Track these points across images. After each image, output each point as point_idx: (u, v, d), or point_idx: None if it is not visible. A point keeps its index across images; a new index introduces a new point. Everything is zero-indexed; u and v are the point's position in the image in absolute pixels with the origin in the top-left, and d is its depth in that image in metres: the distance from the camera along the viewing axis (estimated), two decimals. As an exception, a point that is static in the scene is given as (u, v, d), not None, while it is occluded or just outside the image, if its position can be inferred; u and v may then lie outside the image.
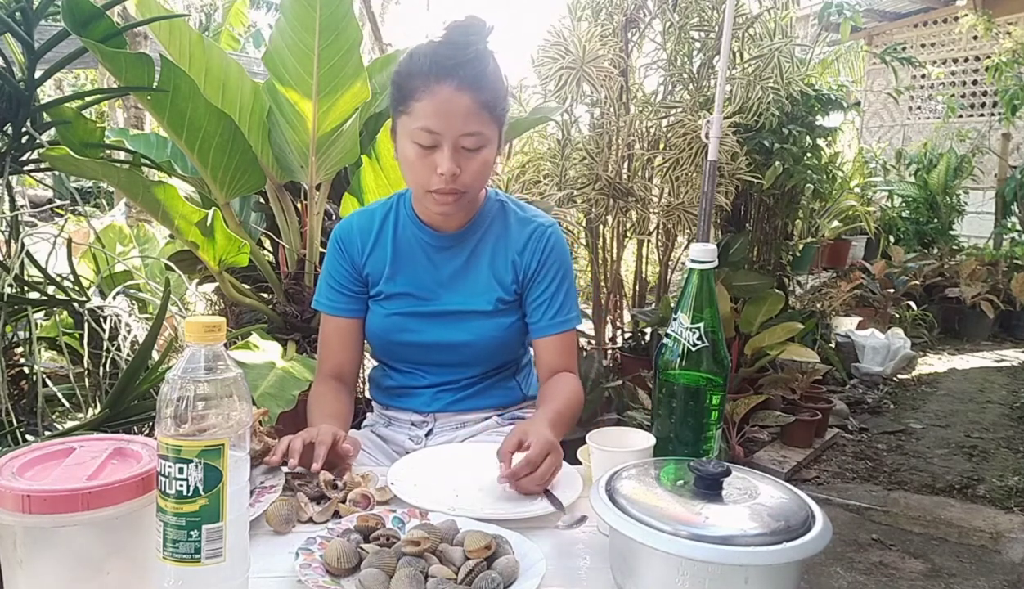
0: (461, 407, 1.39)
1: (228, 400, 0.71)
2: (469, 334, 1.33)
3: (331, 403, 1.32)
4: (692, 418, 1.02)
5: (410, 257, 1.35)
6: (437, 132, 1.16)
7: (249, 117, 2.21)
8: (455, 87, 1.15)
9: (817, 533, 0.75)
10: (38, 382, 1.66)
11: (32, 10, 1.58)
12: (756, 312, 3.20)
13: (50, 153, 1.73)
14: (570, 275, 1.37)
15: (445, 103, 1.15)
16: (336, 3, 1.97)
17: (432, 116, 1.16)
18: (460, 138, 1.17)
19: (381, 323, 1.36)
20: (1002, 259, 5.94)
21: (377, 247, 1.36)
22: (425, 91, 1.16)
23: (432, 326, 1.34)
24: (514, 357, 1.43)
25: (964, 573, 2.37)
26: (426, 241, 1.34)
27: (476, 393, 1.39)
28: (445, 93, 1.15)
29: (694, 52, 3.18)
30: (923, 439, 3.62)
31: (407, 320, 1.34)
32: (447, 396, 1.38)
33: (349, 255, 1.36)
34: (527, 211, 1.38)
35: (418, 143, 1.18)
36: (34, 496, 0.67)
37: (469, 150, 1.19)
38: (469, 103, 1.16)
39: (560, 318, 1.34)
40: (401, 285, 1.34)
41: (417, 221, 1.34)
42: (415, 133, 1.17)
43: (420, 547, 0.82)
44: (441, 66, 1.15)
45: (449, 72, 1.15)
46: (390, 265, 1.35)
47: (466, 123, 1.17)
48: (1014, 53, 6.13)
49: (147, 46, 4.00)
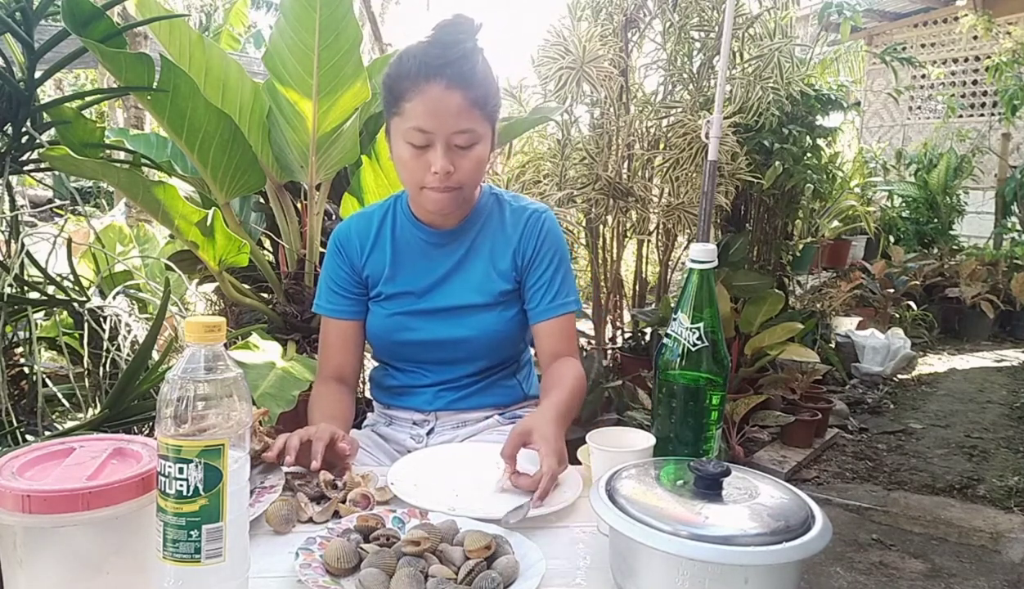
0: (462, 405, 1.39)
1: (228, 400, 0.71)
2: (469, 329, 1.33)
3: (332, 404, 1.32)
4: (692, 418, 1.02)
5: (409, 256, 1.36)
6: (429, 131, 1.17)
7: (249, 117, 2.21)
8: (444, 86, 1.16)
9: (817, 533, 0.75)
10: (38, 382, 1.66)
11: (32, 10, 1.58)
12: (756, 312, 3.20)
13: (50, 153, 1.73)
14: (566, 259, 1.37)
15: (435, 102, 1.16)
16: (336, 3, 1.97)
17: (423, 116, 1.17)
18: (452, 136, 1.18)
19: (382, 323, 1.36)
20: (1002, 259, 5.94)
21: (376, 249, 1.37)
22: (415, 91, 1.17)
23: (432, 323, 1.34)
24: (514, 352, 1.43)
25: (964, 573, 2.37)
26: (423, 239, 1.35)
27: (477, 391, 1.39)
28: (435, 92, 1.16)
29: (694, 52, 3.18)
30: (923, 439, 3.62)
31: (407, 319, 1.35)
32: (448, 394, 1.39)
33: (348, 258, 1.37)
34: (520, 200, 1.40)
35: (411, 143, 1.19)
36: (34, 496, 0.67)
37: (462, 147, 1.20)
38: (459, 101, 1.17)
39: (558, 301, 1.34)
40: (401, 284, 1.35)
41: (414, 220, 1.35)
42: (407, 133, 1.19)
43: (420, 547, 0.82)
44: (429, 66, 1.16)
45: (437, 71, 1.16)
46: (389, 266, 1.35)
47: (457, 121, 1.17)
48: (1014, 53, 6.13)
49: (147, 46, 4.00)
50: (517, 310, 1.37)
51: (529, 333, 1.41)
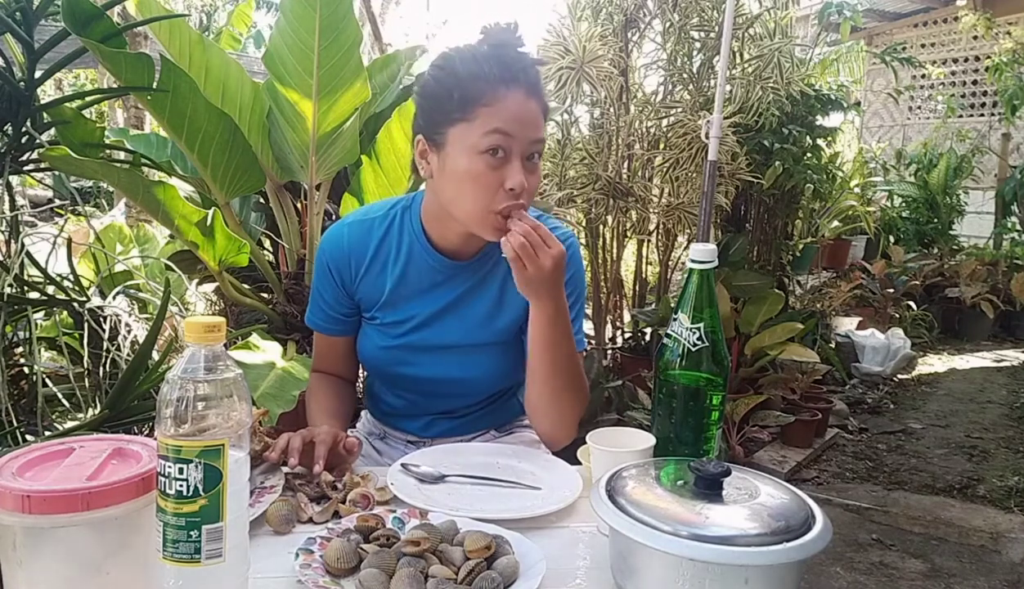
0: (459, 432, 1.34)
1: (228, 400, 0.71)
2: (473, 369, 1.26)
3: (330, 398, 1.30)
4: (692, 418, 1.02)
5: (413, 285, 1.23)
6: (512, 136, 1.05)
7: (249, 117, 2.21)
8: (526, 92, 1.07)
9: (817, 533, 0.75)
10: (38, 382, 1.66)
11: (32, 10, 1.58)
12: (756, 312, 3.20)
13: (50, 153, 1.73)
14: (583, 295, 1.29)
15: (519, 107, 1.06)
16: (336, 3, 1.97)
17: (508, 121, 1.05)
18: (530, 146, 1.08)
19: (377, 354, 1.27)
20: (1002, 259, 5.94)
21: (373, 270, 1.23)
22: (494, 95, 1.05)
23: (432, 360, 1.25)
24: (517, 380, 1.34)
25: (964, 573, 2.37)
26: (434, 267, 1.21)
27: (475, 419, 1.35)
28: (518, 97, 1.06)
29: (694, 52, 3.18)
30: (923, 439, 3.62)
31: (406, 354, 1.25)
32: (444, 423, 1.34)
33: (339, 277, 1.24)
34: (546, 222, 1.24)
35: (487, 153, 1.05)
36: (34, 496, 0.67)
37: (531, 163, 1.10)
38: (536, 110, 1.09)
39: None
40: (401, 314, 1.24)
41: (427, 244, 1.21)
42: (484, 140, 1.05)
43: (420, 547, 0.82)
44: (510, 69, 1.07)
45: (519, 76, 1.07)
46: (390, 293, 1.23)
47: (537, 130, 1.09)
48: (1014, 53, 6.13)
49: (147, 46, 4.00)
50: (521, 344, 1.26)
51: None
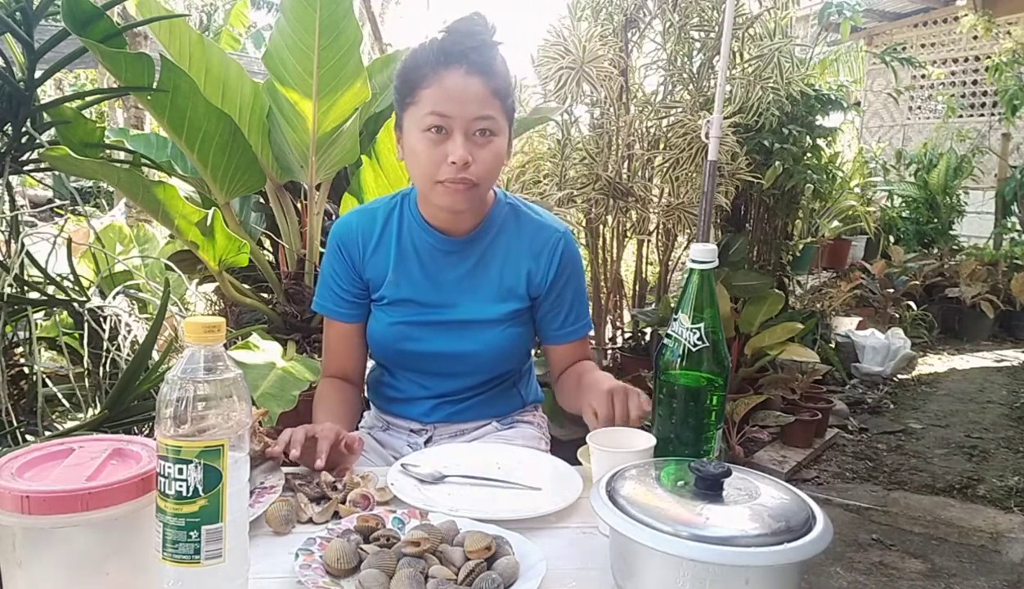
0: (461, 417, 1.37)
1: (228, 400, 0.70)
2: (476, 344, 1.29)
3: (336, 403, 1.31)
4: (692, 418, 1.02)
5: (414, 261, 1.29)
6: (448, 116, 1.13)
7: (249, 117, 2.21)
8: (464, 71, 1.13)
9: (818, 534, 0.75)
10: (38, 382, 1.66)
11: (32, 10, 1.58)
12: (756, 312, 3.20)
13: (50, 153, 1.73)
14: (583, 282, 1.35)
15: (455, 87, 1.13)
16: (336, 3, 1.97)
17: (443, 101, 1.12)
18: (472, 122, 1.14)
19: (384, 331, 1.31)
20: (1002, 259, 5.94)
21: (379, 249, 1.30)
22: (433, 77, 1.13)
23: (438, 335, 1.30)
24: (518, 366, 1.41)
25: (964, 573, 2.37)
26: (432, 245, 1.29)
27: (477, 404, 1.37)
28: (455, 77, 1.13)
29: (694, 52, 3.17)
30: (923, 439, 3.62)
31: (412, 329, 1.30)
32: (448, 407, 1.36)
33: (349, 257, 1.31)
34: (542, 216, 1.34)
35: (428, 131, 1.14)
36: (33, 497, 0.67)
37: (481, 138, 1.15)
38: (479, 87, 1.14)
39: (576, 326, 1.34)
40: (405, 291, 1.29)
41: (423, 224, 1.29)
42: (424, 120, 1.14)
43: (420, 547, 0.81)
44: (449, 52, 1.13)
45: (458, 57, 1.13)
46: (393, 270, 1.29)
47: (480, 107, 1.14)
48: (1014, 53, 6.13)
49: (147, 46, 4.01)
50: (525, 328, 1.33)
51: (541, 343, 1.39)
